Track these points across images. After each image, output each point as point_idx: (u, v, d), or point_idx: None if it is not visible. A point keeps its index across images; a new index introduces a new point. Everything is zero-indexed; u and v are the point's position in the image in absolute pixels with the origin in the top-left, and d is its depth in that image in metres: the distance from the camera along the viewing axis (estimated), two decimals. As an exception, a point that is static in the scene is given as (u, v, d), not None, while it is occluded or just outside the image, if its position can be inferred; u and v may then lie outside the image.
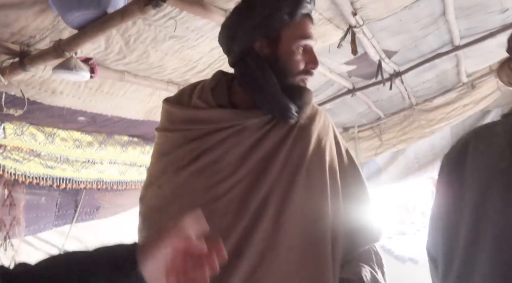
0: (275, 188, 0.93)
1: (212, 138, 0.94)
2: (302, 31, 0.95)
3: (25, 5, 1.21)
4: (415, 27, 2.12)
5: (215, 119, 0.97)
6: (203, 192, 0.92)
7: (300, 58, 0.95)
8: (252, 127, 0.97)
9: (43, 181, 2.09)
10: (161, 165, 0.99)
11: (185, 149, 0.95)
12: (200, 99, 0.98)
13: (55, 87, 1.68)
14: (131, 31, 1.47)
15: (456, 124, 3.82)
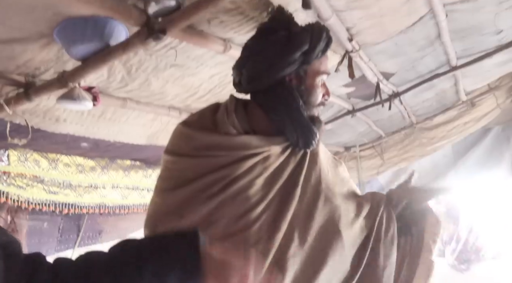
0: (298, 213, 0.96)
1: (242, 165, 0.95)
2: (325, 67, 1.07)
3: (31, 39, 1.26)
4: (411, 50, 2.16)
5: (245, 146, 0.97)
6: (234, 221, 0.91)
7: (320, 91, 1.05)
8: (275, 153, 1.00)
9: (46, 207, 2.11)
10: (182, 193, 0.95)
11: (214, 176, 0.93)
12: (230, 124, 0.99)
13: (58, 115, 1.72)
14: (132, 60, 1.52)
15: (458, 142, 3.82)
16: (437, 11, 1.74)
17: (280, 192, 0.98)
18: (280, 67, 0.99)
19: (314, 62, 1.03)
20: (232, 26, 1.41)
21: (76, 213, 2.31)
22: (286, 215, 0.95)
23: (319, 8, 1.43)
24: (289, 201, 0.97)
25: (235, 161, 0.95)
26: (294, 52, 0.98)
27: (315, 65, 1.03)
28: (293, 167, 1.02)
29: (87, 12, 1.17)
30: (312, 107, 1.04)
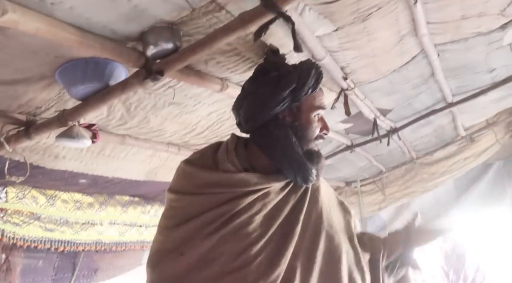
0: (299, 251, 0.96)
1: (241, 202, 0.96)
2: (319, 102, 1.09)
3: (33, 80, 1.30)
4: (406, 87, 2.21)
5: (244, 183, 0.99)
6: (233, 257, 0.91)
7: (316, 125, 1.07)
8: (274, 191, 1.01)
9: (42, 245, 2.08)
10: (183, 230, 0.95)
11: (214, 213, 0.94)
12: (229, 162, 1.01)
13: (58, 152, 1.74)
14: (132, 99, 1.56)
15: (460, 178, 3.80)
16: (428, 51, 1.79)
17: (280, 229, 0.97)
18: (271, 106, 1.02)
19: (307, 98, 1.05)
20: (228, 66, 1.46)
21: (72, 251, 2.27)
22: (286, 252, 0.94)
23: (312, 49, 1.48)
24: (289, 239, 0.96)
25: (235, 198, 0.96)
26: (282, 91, 1.02)
27: (308, 101, 1.06)
28: (294, 203, 1.03)
29: (88, 54, 1.22)
30: (309, 141, 1.05)
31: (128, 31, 1.16)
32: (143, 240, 2.68)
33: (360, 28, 1.45)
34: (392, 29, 1.53)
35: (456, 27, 1.61)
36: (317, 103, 1.08)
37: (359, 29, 1.45)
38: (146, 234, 2.71)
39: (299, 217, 1.00)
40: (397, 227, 3.90)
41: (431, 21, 1.55)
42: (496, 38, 1.77)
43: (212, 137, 2.09)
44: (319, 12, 1.31)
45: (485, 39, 1.76)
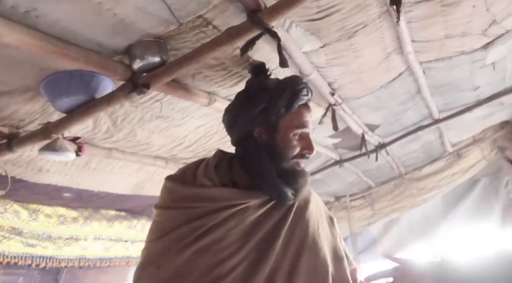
0: (279, 268, 0.94)
1: (216, 216, 0.95)
2: (298, 122, 1.03)
3: (17, 92, 1.28)
4: (393, 103, 2.23)
5: (220, 198, 0.98)
6: (206, 272, 0.90)
7: (295, 144, 1.02)
8: (254, 206, 1.00)
9: (22, 261, 2.02)
10: (161, 243, 0.96)
11: (189, 227, 0.94)
12: (206, 177, 1.01)
13: (41, 165, 1.70)
14: (118, 112, 1.54)
15: (448, 193, 3.82)
16: (414, 68, 1.82)
17: (260, 245, 0.95)
18: (241, 124, 1.03)
19: (285, 117, 1.01)
20: (216, 80, 1.46)
21: (54, 267, 2.21)
22: (263, 268, 0.92)
23: (300, 65, 1.50)
24: (268, 254, 0.94)
25: (209, 212, 0.96)
26: (250, 111, 1.01)
27: (286, 119, 1.01)
28: (277, 219, 1.01)
29: (74, 67, 1.21)
30: (286, 160, 1.01)
31: (115, 44, 1.16)
32: (128, 255, 2.63)
33: (347, 45, 1.47)
34: (378, 46, 1.55)
35: (440, 46, 1.64)
36: (296, 122, 1.02)
37: (345, 46, 1.47)
38: (132, 249, 2.66)
39: (280, 233, 0.98)
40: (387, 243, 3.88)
41: (416, 40, 1.58)
42: (479, 57, 1.81)
43: (200, 151, 2.08)
44: (305, 28, 1.33)
45: (468, 58, 1.80)
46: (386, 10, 1.36)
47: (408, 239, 3.97)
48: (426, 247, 3.86)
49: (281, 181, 0.99)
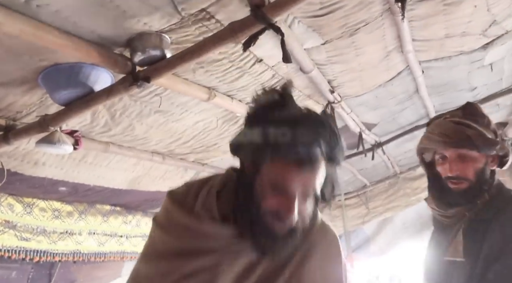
0: None
1: (207, 257, 0.83)
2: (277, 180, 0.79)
3: (15, 84, 1.26)
4: (391, 103, 2.24)
5: (213, 236, 0.85)
6: None
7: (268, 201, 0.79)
8: (248, 249, 0.84)
9: (16, 255, 1.99)
10: (148, 269, 0.87)
11: (176, 264, 0.83)
12: (204, 207, 0.87)
13: (38, 158, 1.68)
14: (117, 106, 1.53)
15: (441, 193, 3.86)
16: (413, 67, 1.83)
17: None
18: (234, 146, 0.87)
19: (270, 163, 0.79)
20: (216, 75, 1.45)
21: (48, 261, 2.19)
22: None
23: (301, 61, 1.49)
24: None
25: (199, 251, 0.84)
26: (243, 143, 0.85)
27: (268, 167, 0.79)
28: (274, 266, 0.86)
29: (74, 59, 1.19)
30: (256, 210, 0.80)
31: (116, 36, 1.15)
32: (123, 251, 2.61)
33: (348, 42, 1.47)
34: (379, 44, 1.56)
35: (440, 45, 1.65)
36: (272, 179, 0.78)
37: (347, 43, 1.47)
38: (127, 244, 2.64)
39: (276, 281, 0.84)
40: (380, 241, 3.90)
41: (416, 39, 1.59)
42: (478, 57, 1.82)
43: (197, 147, 2.07)
44: (308, 25, 1.32)
45: (467, 58, 1.81)
46: (388, 8, 1.36)
47: (401, 238, 4.00)
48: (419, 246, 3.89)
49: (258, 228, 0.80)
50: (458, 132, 1.13)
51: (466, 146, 1.12)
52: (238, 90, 1.63)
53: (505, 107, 2.82)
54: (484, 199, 1.15)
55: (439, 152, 1.17)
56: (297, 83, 1.71)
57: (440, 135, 1.16)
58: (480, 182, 1.14)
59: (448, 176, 1.14)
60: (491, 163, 1.18)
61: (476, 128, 1.14)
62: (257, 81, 1.58)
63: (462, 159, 1.13)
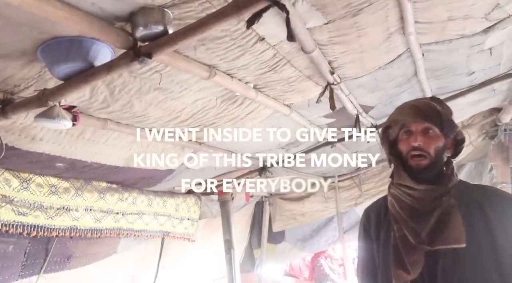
0: None
1: None
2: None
3: (13, 56, 1.24)
4: (390, 85, 2.24)
5: None
6: None
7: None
8: None
9: (13, 229, 2.01)
10: None
11: None
12: None
13: (35, 133, 1.67)
14: (116, 82, 1.51)
15: (433, 176, 3.92)
16: (414, 50, 1.83)
17: None
18: None
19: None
20: (218, 53, 1.44)
21: (45, 236, 2.21)
22: None
23: (303, 41, 1.48)
24: None
25: None
26: None
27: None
28: None
29: (74, 32, 1.17)
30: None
31: (117, 10, 1.13)
32: (119, 227, 2.64)
33: (351, 23, 1.46)
34: (381, 25, 1.55)
35: (442, 28, 1.64)
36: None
37: (349, 24, 1.46)
38: (123, 221, 2.67)
39: None
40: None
41: (419, 21, 1.58)
42: (478, 41, 1.82)
43: (195, 125, 2.07)
44: (312, 3, 1.31)
45: (468, 42, 1.81)
46: (393, -11, 1.35)
47: (392, 220, 4.08)
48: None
49: None
50: (429, 106, 1.17)
51: (433, 120, 1.14)
52: (238, 69, 1.62)
53: (500, 92, 2.84)
54: (454, 182, 1.16)
55: (406, 126, 1.18)
56: (297, 63, 1.70)
57: (411, 108, 1.19)
58: (439, 162, 1.16)
59: (412, 147, 1.15)
60: (448, 149, 1.20)
61: (443, 110, 1.19)
62: (258, 60, 1.57)
63: (426, 133, 1.16)
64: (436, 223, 1.11)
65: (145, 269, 3.18)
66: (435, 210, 1.12)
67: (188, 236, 3.24)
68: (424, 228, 1.11)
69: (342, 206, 4.05)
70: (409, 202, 1.16)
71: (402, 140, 1.19)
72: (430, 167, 1.15)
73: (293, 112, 2.22)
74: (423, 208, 1.14)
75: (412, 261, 1.11)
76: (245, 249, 4.48)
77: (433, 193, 1.14)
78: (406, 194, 1.16)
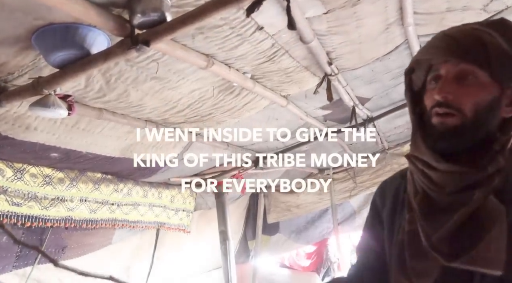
0: None
1: None
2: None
3: (6, 43, 1.21)
4: (386, 77, 2.25)
5: None
6: None
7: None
8: None
9: (7, 219, 1.99)
10: None
11: None
12: None
13: (29, 123, 1.65)
14: (112, 71, 1.49)
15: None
16: (411, 42, 1.82)
17: None
18: None
19: None
20: (216, 42, 1.42)
21: (39, 227, 2.19)
22: None
23: (301, 31, 1.47)
24: None
25: None
26: None
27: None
28: None
29: (70, 18, 1.15)
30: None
31: (115, -4, 1.11)
32: (114, 218, 2.63)
33: (350, 13, 1.45)
34: (380, 16, 1.54)
35: (441, 19, 1.64)
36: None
37: (348, 14, 1.45)
38: (118, 212, 2.65)
39: None
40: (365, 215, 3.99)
41: (418, 11, 1.58)
42: (476, 33, 1.82)
43: (192, 116, 2.06)
44: (312, -8, 1.30)
45: (465, 34, 1.81)
46: (393, -22, 1.34)
47: (386, 212, 4.12)
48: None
49: None
50: (470, 36, 0.73)
51: (475, 59, 0.71)
52: (236, 59, 1.61)
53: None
54: (497, 164, 0.71)
55: (435, 69, 0.77)
56: (295, 53, 1.69)
57: (444, 39, 0.77)
58: (480, 127, 0.73)
59: (436, 103, 0.74)
60: (508, 105, 0.74)
61: (499, 39, 0.71)
62: (256, 50, 1.56)
63: (462, 80, 0.73)
64: (459, 228, 0.71)
65: (140, 260, 3.18)
66: (459, 207, 0.71)
67: (183, 227, 3.24)
68: (436, 230, 0.72)
69: (336, 198, 4.07)
70: (425, 187, 0.77)
71: (428, 91, 0.79)
72: (462, 131, 0.72)
73: (290, 103, 2.22)
74: (442, 200, 0.74)
75: (419, 270, 0.75)
76: (240, 240, 4.50)
77: (461, 179, 0.72)
78: (422, 175, 0.77)
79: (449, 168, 0.73)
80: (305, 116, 2.51)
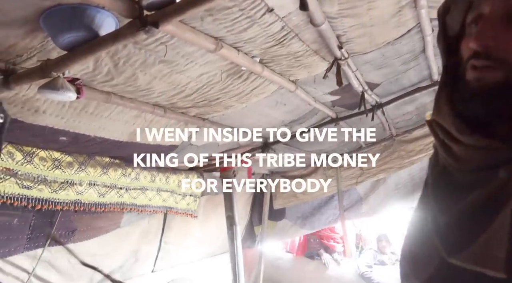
0: None
1: None
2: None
3: (15, 25, 1.20)
4: (396, 62, 2.21)
5: None
6: None
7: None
8: None
9: (18, 202, 2.01)
10: None
11: None
12: None
13: (38, 106, 1.65)
14: (121, 54, 1.48)
15: (434, 156, 3.92)
16: (424, 25, 1.78)
17: None
18: None
19: None
20: (225, 24, 1.40)
21: (49, 210, 2.21)
22: None
23: (312, 13, 1.44)
24: None
25: None
26: None
27: None
28: None
29: (78, -1, 1.13)
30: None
31: (123, -24, 1.09)
32: (123, 202, 2.65)
33: (362, -6, 1.42)
34: (393, -2, 1.50)
35: (455, 2, 1.59)
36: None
37: (361, -5, 1.42)
38: (126, 196, 2.68)
39: None
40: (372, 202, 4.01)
41: (432, -7, 1.54)
42: (491, 16, 1.78)
43: (199, 100, 2.05)
44: (323, -27, 1.26)
45: (480, 17, 1.76)
46: (407, -42, 1.30)
47: (393, 199, 4.12)
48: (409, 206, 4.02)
49: None
50: None
51: None
52: (245, 42, 1.58)
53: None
54: None
55: (476, 4, 0.59)
56: (305, 37, 1.66)
57: None
58: None
59: (472, 53, 0.57)
60: None
61: None
62: (265, 33, 1.53)
63: (510, 23, 0.54)
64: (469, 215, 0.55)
65: (148, 243, 3.22)
66: (476, 187, 0.55)
67: (190, 212, 3.26)
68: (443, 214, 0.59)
69: (343, 185, 4.07)
70: (443, 160, 0.63)
71: (467, 36, 0.61)
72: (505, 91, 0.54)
73: (298, 88, 2.19)
74: (461, 178, 0.59)
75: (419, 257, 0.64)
76: (246, 226, 4.54)
77: (489, 156, 0.55)
78: (442, 146, 0.63)
79: (475, 142, 0.55)
80: (313, 101, 2.48)
